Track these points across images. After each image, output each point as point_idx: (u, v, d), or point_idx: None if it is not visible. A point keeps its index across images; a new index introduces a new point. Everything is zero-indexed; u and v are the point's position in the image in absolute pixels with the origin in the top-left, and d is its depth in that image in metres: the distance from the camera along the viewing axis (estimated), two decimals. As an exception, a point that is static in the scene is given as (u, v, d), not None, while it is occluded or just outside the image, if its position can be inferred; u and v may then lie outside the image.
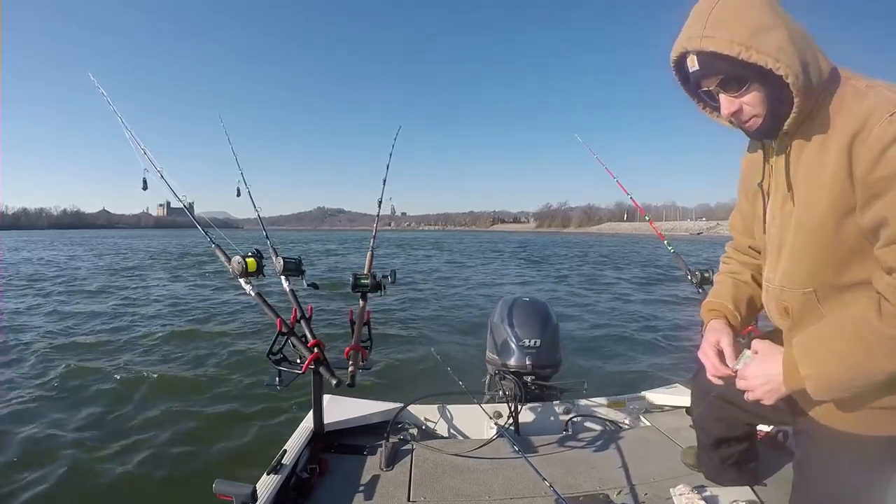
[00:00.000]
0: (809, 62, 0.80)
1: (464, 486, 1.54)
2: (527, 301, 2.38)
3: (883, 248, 0.77)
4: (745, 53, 0.79)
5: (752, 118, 0.87)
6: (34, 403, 3.79)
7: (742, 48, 0.79)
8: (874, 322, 0.76)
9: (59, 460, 2.89)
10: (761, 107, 0.85)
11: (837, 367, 0.82)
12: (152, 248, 30.08)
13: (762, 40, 0.78)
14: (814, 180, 0.85)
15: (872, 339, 0.76)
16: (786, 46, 0.78)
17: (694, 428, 1.55)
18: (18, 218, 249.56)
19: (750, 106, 0.86)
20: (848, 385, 0.83)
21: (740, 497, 1.42)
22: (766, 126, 0.88)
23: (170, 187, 1.82)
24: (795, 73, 0.78)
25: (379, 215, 2.11)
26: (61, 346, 5.52)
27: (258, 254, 1.67)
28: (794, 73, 0.78)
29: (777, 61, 0.78)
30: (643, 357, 5.11)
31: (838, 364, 0.82)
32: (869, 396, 0.87)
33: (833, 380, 0.83)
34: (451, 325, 6.86)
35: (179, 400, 3.85)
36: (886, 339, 0.75)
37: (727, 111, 0.88)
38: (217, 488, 1.23)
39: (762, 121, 0.87)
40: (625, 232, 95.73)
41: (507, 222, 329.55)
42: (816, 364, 0.84)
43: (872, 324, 0.76)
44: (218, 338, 5.97)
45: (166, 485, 2.65)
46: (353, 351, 1.55)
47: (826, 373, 0.83)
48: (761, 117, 0.86)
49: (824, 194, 0.83)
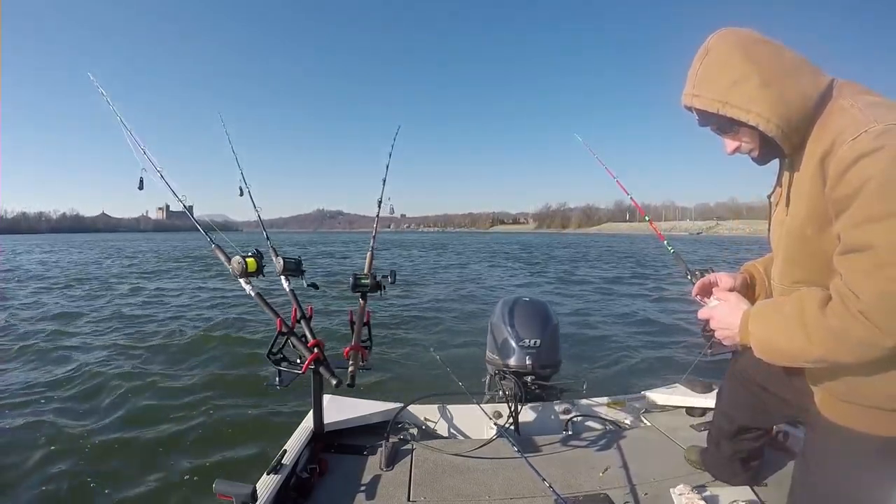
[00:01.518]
0: (790, 97, 0.87)
1: (464, 486, 1.54)
2: (527, 301, 2.38)
3: (837, 256, 0.84)
4: (723, 109, 0.90)
5: (751, 151, 0.97)
6: (33, 401, 3.79)
7: (720, 104, 0.90)
8: (816, 311, 0.84)
9: (59, 460, 2.89)
10: (757, 141, 0.94)
11: (777, 336, 0.91)
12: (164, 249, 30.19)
13: (734, 95, 0.88)
14: (798, 193, 0.93)
15: (812, 324, 0.84)
16: (756, 96, 0.87)
17: (713, 415, 1.57)
18: (17, 222, 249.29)
19: (747, 143, 0.96)
20: (782, 354, 0.92)
21: (740, 497, 1.42)
22: (766, 155, 0.97)
23: (170, 188, 1.81)
24: (766, 119, 0.87)
25: (378, 215, 2.10)
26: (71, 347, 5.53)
27: (258, 254, 1.66)
28: (764, 120, 0.87)
29: (748, 113, 0.88)
30: (643, 357, 5.10)
31: (779, 333, 0.91)
32: (867, 395, 0.90)
33: (771, 344, 0.93)
34: (452, 325, 6.86)
35: (179, 399, 3.85)
36: (822, 328, 0.83)
37: (729, 149, 0.98)
38: (217, 488, 1.23)
39: (759, 152, 0.96)
40: (625, 232, 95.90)
41: (507, 223, 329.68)
42: (763, 326, 0.94)
43: (815, 312, 0.84)
44: (218, 337, 5.96)
45: (166, 485, 2.65)
46: (353, 351, 1.55)
47: (767, 336, 0.93)
48: (758, 150, 0.96)
49: (804, 206, 0.91)
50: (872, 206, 0.75)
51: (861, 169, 0.76)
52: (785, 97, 0.86)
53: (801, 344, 0.86)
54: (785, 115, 0.87)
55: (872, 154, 0.75)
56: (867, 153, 0.75)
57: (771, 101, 0.86)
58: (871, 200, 0.75)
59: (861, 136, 0.77)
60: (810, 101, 0.87)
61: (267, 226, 2.09)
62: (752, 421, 1.42)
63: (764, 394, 1.31)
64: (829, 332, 0.82)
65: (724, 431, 1.49)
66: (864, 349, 0.80)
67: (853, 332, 0.78)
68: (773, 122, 0.87)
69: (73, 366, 4.78)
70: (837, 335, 0.81)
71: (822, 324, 0.82)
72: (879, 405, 0.90)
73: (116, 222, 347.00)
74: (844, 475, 0.97)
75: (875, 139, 0.75)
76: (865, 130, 0.77)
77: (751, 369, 1.34)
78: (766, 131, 0.88)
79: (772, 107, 0.86)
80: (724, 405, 1.49)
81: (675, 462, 1.68)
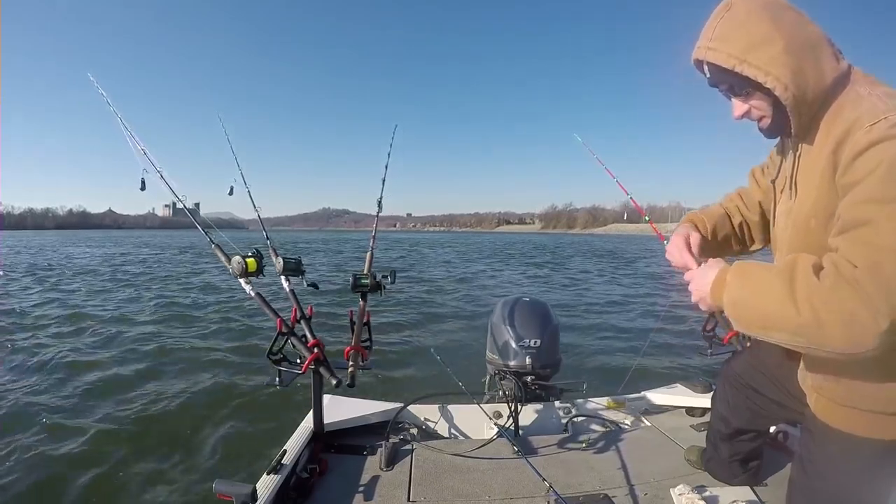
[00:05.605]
0: (808, 72, 0.83)
1: (464, 486, 1.54)
2: (527, 301, 2.38)
3: (833, 237, 0.80)
4: (740, 67, 0.85)
5: (762, 118, 0.92)
6: (33, 403, 3.82)
7: (737, 61, 0.85)
8: (808, 271, 0.77)
9: (58, 459, 2.91)
10: (768, 109, 0.90)
11: (758, 296, 0.82)
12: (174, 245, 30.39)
13: (755, 54, 0.83)
14: (807, 181, 0.90)
15: (801, 285, 0.77)
16: (778, 59, 0.82)
17: (711, 416, 1.56)
18: (24, 218, 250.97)
19: (758, 108, 0.91)
20: (757, 316, 0.83)
21: (740, 497, 1.42)
22: (776, 126, 0.92)
23: (170, 188, 1.82)
24: (784, 85, 0.83)
25: (378, 215, 2.10)
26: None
27: (258, 254, 1.67)
28: (782, 85, 0.83)
29: (766, 75, 0.83)
30: (643, 357, 5.08)
31: (760, 293, 0.82)
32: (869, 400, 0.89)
33: (748, 304, 0.84)
34: (452, 325, 6.86)
35: (179, 399, 3.87)
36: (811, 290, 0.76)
37: (737, 112, 0.93)
38: (217, 488, 1.23)
39: (771, 121, 0.91)
40: (630, 233, 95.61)
41: (513, 223, 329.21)
42: (742, 281, 0.85)
43: (807, 272, 0.77)
44: (218, 337, 5.99)
45: (166, 484, 2.66)
46: (353, 351, 1.55)
47: (744, 295, 0.84)
48: (770, 118, 0.91)
49: (812, 196, 0.88)
50: (878, 188, 0.73)
51: (873, 154, 0.74)
52: (804, 70, 0.83)
53: (783, 305, 0.78)
54: (802, 86, 0.83)
55: (887, 141, 0.73)
56: (881, 140, 0.74)
57: (792, 68, 0.82)
58: (878, 183, 0.73)
59: (879, 123, 0.75)
60: (827, 81, 0.84)
61: (273, 224, 2.09)
62: (749, 424, 1.40)
63: (759, 397, 1.30)
64: (817, 295, 0.75)
65: (721, 434, 1.48)
66: (852, 325, 0.72)
67: (844, 300, 0.73)
68: (791, 91, 0.83)
69: (70, 364, 4.82)
70: (826, 301, 0.74)
71: (812, 283, 0.76)
72: (881, 409, 0.89)
73: (123, 219, 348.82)
74: (843, 479, 0.97)
75: (891, 128, 0.74)
76: (884, 118, 0.75)
77: (745, 373, 1.33)
78: (782, 98, 0.84)
79: (792, 75, 0.82)
80: (719, 408, 1.48)
81: (675, 462, 1.67)
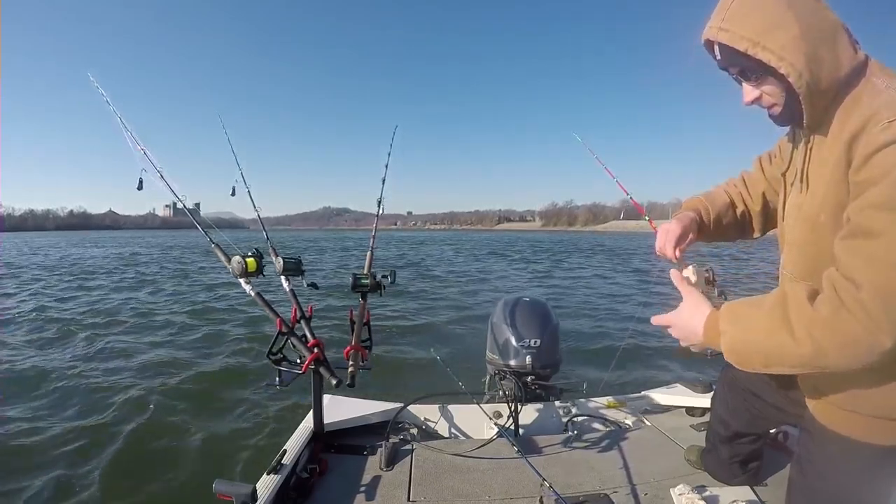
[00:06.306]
0: (823, 59, 0.80)
1: (464, 486, 1.54)
2: (527, 301, 2.38)
3: (839, 240, 0.78)
4: (753, 50, 0.81)
5: (773, 106, 0.89)
6: (32, 400, 3.82)
7: (750, 44, 0.81)
8: (803, 302, 0.77)
9: (57, 459, 2.92)
10: (780, 96, 0.86)
11: (755, 334, 0.82)
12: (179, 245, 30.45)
13: (769, 38, 0.80)
14: (818, 175, 0.87)
15: (797, 317, 0.76)
16: (793, 45, 0.79)
17: (710, 418, 1.55)
18: (25, 220, 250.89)
19: (769, 95, 0.87)
20: (759, 355, 0.82)
21: (740, 497, 1.42)
22: (787, 115, 0.89)
23: (170, 188, 1.82)
24: (798, 72, 0.79)
25: (378, 214, 2.10)
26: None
27: (258, 254, 1.66)
28: (796, 72, 0.79)
29: (780, 60, 0.80)
30: (643, 357, 5.08)
31: (756, 331, 0.82)
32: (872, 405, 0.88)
33: (747, 345, 0.84)
34: (452, 325, 6.86)
35: (179, 399, 3.88)
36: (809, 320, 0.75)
37: (748, 98, 0.90)
38: (217, 488, 1.23)
39: (782, 109, 0.88)
40: (631, 230, 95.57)
41: (514, 221, 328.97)
42: (736, 323, 0.85)
43: (801, 303, 0.77)
44: (218, 337, 5.99)
45: (166, 484, 2.67)
46: (353, 351, 1.55)
47: (742, 335, 0.84)
48: (781, 106, 0.88)
49: (822, 190, 0.85)
50: (893, 194, 0.70)
51: (890, 153, 0.71)
52: (819, 57, 0.80)
53: (782, 341, 0.77)
54: (816, 74, 0.80)
55: None
56: None
57: (807, 55, 0.79)
58: (893, 188, 0.70)
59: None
60: (843, 70, 0.81)
61: (274, 223, 2.09)
62: (748, 427, 1.39)
63: (758, 401, 1.29)
64: (817, 326, 0.74)
65: (720, 436, 1.47)
66: (856, 348, 0.72)
67: (846, 325, 0.71)
68: (805, 79, 0.80)
69: (68, 360, 4.82)
70: (826, 329, 0.73)
71: (809, 315, 0.75)
72: (884, 415, 0.88)
73: (123, 220, 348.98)
74: (843, 479, 0.96)
75: None
76: None
77: (743, 377, 1.31)
78: (796, 85, 0.81)
79: (807, 61, 0.79)
80: (719, 411, 1.47)
81: (675, 462, 1.67)
